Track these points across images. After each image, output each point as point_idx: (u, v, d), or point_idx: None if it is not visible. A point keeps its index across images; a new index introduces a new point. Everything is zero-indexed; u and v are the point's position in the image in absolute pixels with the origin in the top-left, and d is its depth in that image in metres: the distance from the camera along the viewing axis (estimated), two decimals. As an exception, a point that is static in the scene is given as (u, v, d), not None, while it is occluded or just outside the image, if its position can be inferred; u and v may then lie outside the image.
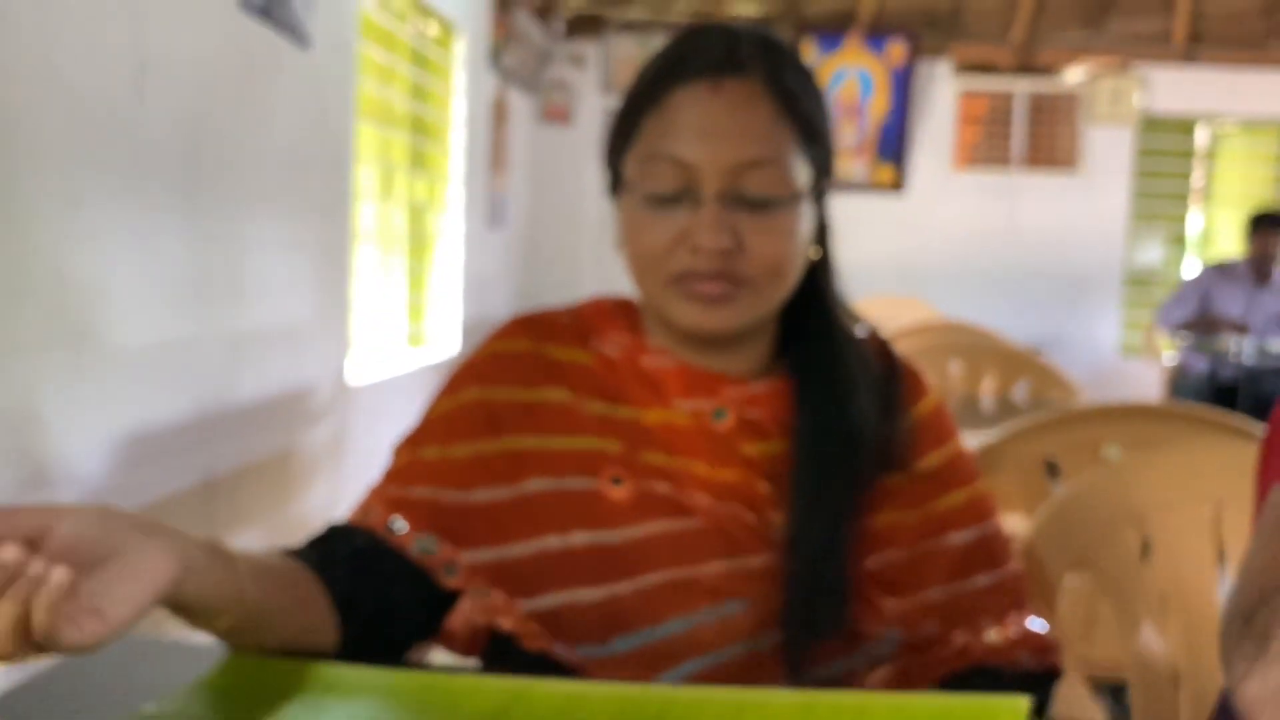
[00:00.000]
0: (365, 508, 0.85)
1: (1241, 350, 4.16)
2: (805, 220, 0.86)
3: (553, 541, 0.83)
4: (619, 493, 0.84)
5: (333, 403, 3.16)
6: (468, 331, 4.46)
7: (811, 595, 0.83)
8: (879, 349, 0.94)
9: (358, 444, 3.29)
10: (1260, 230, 4.44)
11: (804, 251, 0.87)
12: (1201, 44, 5.55)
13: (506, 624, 0.83)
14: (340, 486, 3.17)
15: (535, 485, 0.85)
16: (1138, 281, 5.82)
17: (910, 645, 0.87)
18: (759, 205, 0.83)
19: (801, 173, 0.85)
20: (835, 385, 0.88)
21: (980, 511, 0.92)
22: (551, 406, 0.87)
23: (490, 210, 4.87)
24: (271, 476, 2.80)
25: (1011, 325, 4.42)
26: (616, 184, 0.89)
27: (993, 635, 0.88)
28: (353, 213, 3.27)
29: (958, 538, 0.90)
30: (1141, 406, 1.79)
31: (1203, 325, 4.47)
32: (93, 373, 2.03)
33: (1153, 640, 1.15)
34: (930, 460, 0.91)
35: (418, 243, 4.20)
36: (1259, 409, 2.73)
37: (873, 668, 0.88)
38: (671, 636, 0.82)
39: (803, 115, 0.85)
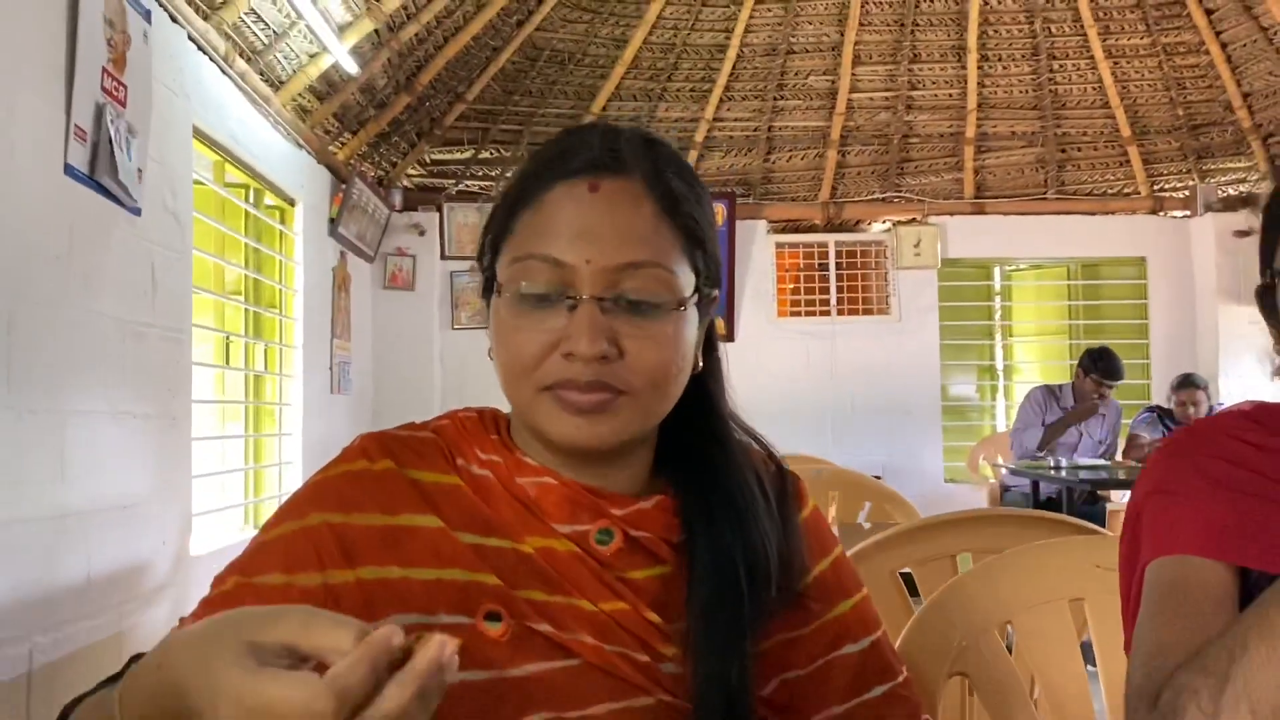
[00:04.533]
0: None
1: (1060, 468, 4.50)
2: (689, 328, 0.80)
3: None
4: (495, 631, 0.76)
5: (173, 575, 3.02)
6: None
7: None
8: (766, 457, 0.90)
9: (197, 619, 3.14)
10: (1090, 373, 4.87)
11: (688, 361, 0.81)
12: (988, 195, 6.15)
13: None
14: (178, 666, 2.99)
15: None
16: (955, 412, 6.21)
17: None
18: (639, 310, 0.78)
19: (685, 278, 0.80)
20: (733, 506, 0.82)
21: (869, 619, 0.88)
22: (419, 534, 0.78)
23: (333, 376, 4.84)
24: (102, 660, 2.63)
25: (844, 458, 4.63)
26: (489, 287, 0.83)
27: None
28: (189, 381, 3.22)
29: (852, 649, 0.86)
30: (989, 513, 1.83)
31: (1049, 435, 4.86)
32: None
33: None
34: (818, 570, 0.87)
35: (258, 410, 4.13)
36: (1081, 519, 2.94)
37: None
38: None
39: (686, 217, 0.81)
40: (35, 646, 2.32)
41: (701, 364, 0.85)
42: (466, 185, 5.95)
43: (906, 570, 1.80)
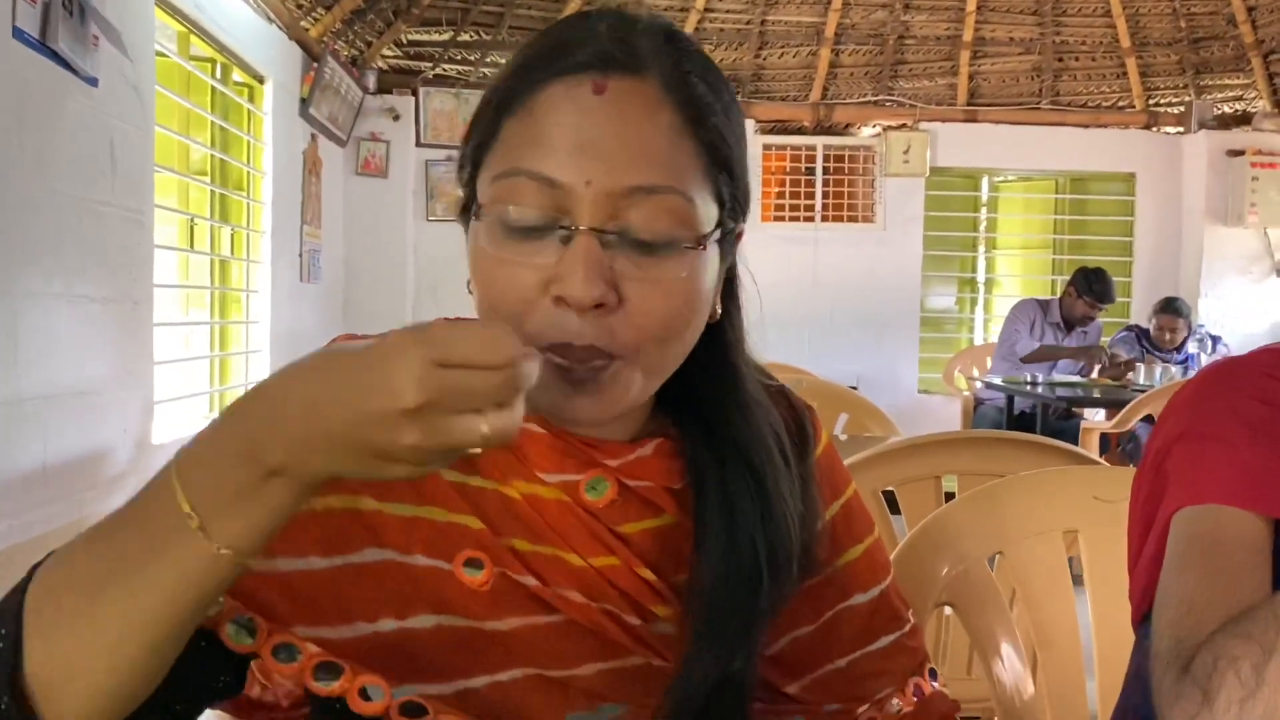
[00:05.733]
0: None
1: (1037, 383, 4.50)
2: (707, 271, 0.67)
3: (387, 625, 0.65)
4: (475, 580, 0.67)
5: (134, 464, 2.95)
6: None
7: (713, 709, 0.68)
8: (781, 399, 0.79)
9: (160, 508, 3.08)
10: (1084, 295, 4.84)
11: (703, 311, 0.68)
12: (981, 103, 6.01)
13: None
14: (140, 555, 2.96)
15: (371, 556, 0.66)
16: (933, 323, 6.18)
17: None
18: (647, 248, 0.63)
19: (706, 209, 0.65)
20: (752, 483, 0.71)
21: (879, 565, 0.81)
22: None
23: (302, 264, 4.71)
24: (61, 547, 2.58)
25: (820, 368, 4.60)
26: (467, 207, 0.69)
27: (896, 705, 0.78)
28: (151, 264, 3.09)
29: (862, 600, 0.79)
30: (977, 435, 1.81)
31: (1041, 354, 4.84)
32: None
33: (1018, 672, 1.13)
34: (829, 515, 0.78)
35: (224, 296, 4.02)
36: (1054, 435, 2.94)
37: None
38: None
39: (712, 131, 0.66)
40: (-11, 534, 2.26)
41: (720, 311, 0.71)
42: (444, 69, 5.73)
43: (889, 489, 1.77)
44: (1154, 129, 5.97)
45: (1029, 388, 4.48)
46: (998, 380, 4.78)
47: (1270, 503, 0.76)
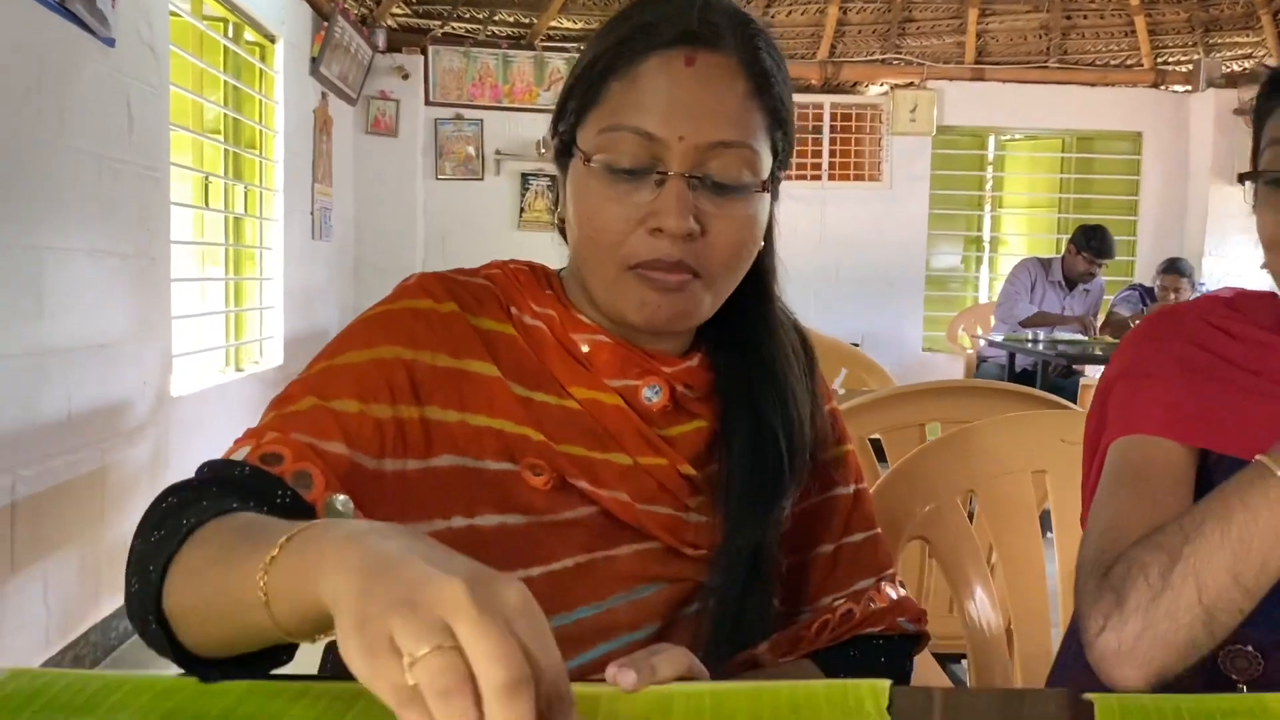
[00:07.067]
0: (266, 448, 0.71)
1: (1038, 340, 4.55)
2: (764, 210, 0.82)
3: (458, 522, 0.77)
4: (537, 481, 0.79)
5: (153, 415, 3.05)
6: (290, 344, 4.37)
7: (742, 597, 0.82)
8: (791, 325, 0.92)
9: (180, 457, 3.19)
10: (1083, 250, 4.88)
11: (759, 243, 0.82)
12: (988, 61, 6.01)
13: None
14: (161, 503, 3.05)
15: (447, 461, 0.78)
16: (938, 282, 6.22)
17: (794, 615, 0.89)
18: (723, 190, 0.78)
19: (766, 159, 0.80)
20: (776, 384, 0.85)
21: (855, 468, 0.93)
22: (477, 381, 0.80)
23: (314, 222, 4.78)
24: (83, 496, 2.68)
25: (825, 326, 4.66)
26: (565, 151, 0.82)
27: (875, 602, 0.89)
28: (168, 221, 3.17)
29: (842, 492, 0.91)
30: (960, 384, 1.86)
31: (1038, 319, 4.89)
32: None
33: (986, 605, 1.20)
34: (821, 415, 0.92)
35: (238, 253, 4.10)
36: (1054, 391, 3.00)
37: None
38: (584, 621, 0.79)
39: (775, 98, 0.81)
40: (19, 479, 2.35)
41: (762, 243, 0.84)
42: (453, 28, 5.76)
43: (876, 437, 1.84)
44: (1161, 87, 5.96)
45: (1030, 345, 4.54)
46: (999, 338, 4.84)
47: (1193, 434, 0.83)
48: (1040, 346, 4.47)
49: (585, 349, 0.83)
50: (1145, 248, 6.01)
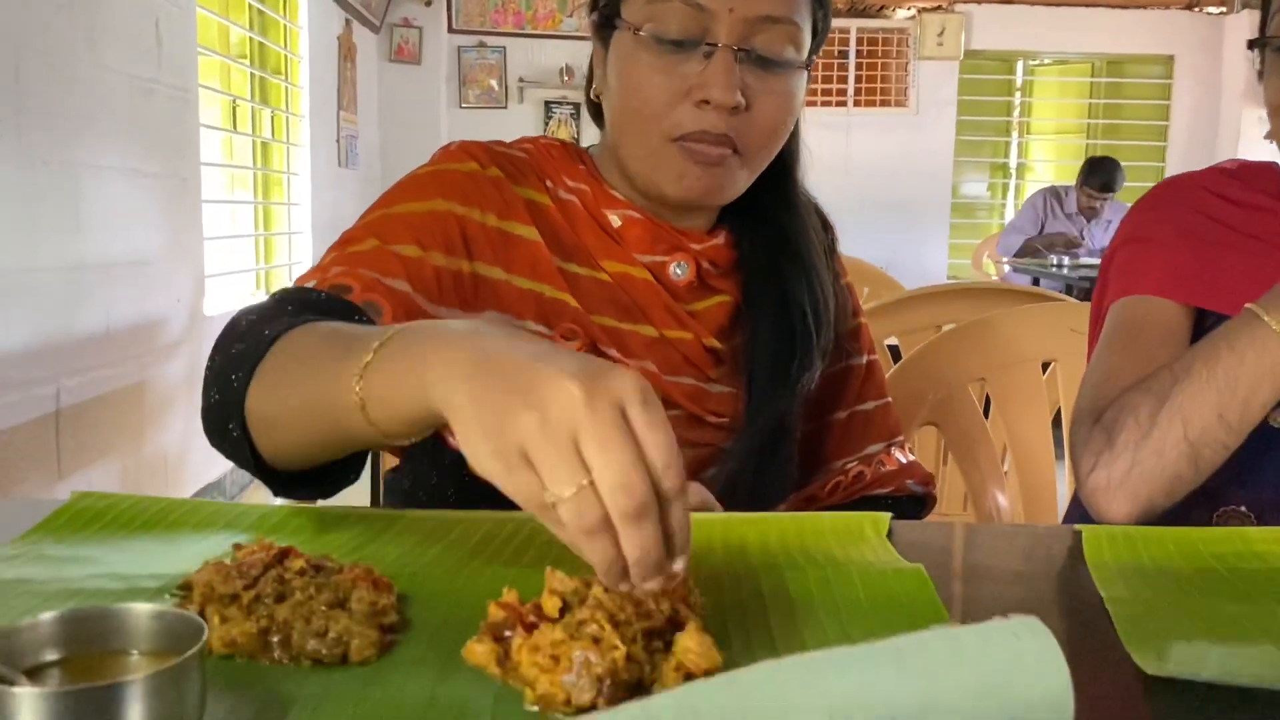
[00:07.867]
0: (334, 280, 0.73)
1: (1063, 265, 4.54)
2: (803, 88, 0.83)
3: None
4: (571, 346, 0.81)
5: (188, 333, 3.13)
6: (322, 269, 4.42)
7: (761, 462, 0.85)
8: (813, 208, 0.94)
9: (214, 375, 3.26)
10: (1084, 184, 4.82)
11: (795, 121, 0.84)
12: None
13: None
14: (196, 419, 3.13)
15: (490, 317, 0.80)
16: (963, 209, 6.19)
17: (808, 477, 0.92)
18: (768, 65, 0.79)
19: (808, 38, 0.81)
20: (800, 263, 0.87)
21: (868, 339, 0.97)
22: (520, 244, 0.82)
23: (340, 149, 4.81)
24: (124, 408, 2.77)
25: (849, 252, 4.65)
26: (606, 24, 0.83)
27: (885, 465, 0.94)
28: (197, 143, 3.22)
29: (856, 362, 0.95)
30: (974, 285, 1.89)
31: (1043, 243, 4.86)
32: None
33: (993, 480, 1.24)
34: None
35: (266, 179, 4.14)
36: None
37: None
38: None
39: None
40: (63, 388, 2.44)
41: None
42: (476, -46, 5.71)
43: (894, 342, 1.87)
44: (1195, 9, 5.84)
45: (1055, 270, 4.53)
46: (1023, 263, 4.83)
47: (1188, 293, 0.86)
48: (1064, 270, 4.46)
49: (617, 223, 0.85)
50: (1174, 173, 5.93)
